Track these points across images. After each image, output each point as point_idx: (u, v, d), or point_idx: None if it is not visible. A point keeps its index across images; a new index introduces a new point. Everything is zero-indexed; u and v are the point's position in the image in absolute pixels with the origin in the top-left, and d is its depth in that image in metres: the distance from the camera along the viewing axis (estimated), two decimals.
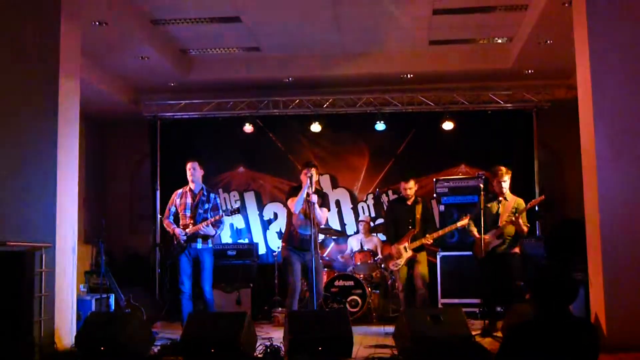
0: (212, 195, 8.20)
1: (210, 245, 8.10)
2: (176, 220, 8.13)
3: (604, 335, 6.41)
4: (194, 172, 8.12)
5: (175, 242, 7.97)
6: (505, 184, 7.85)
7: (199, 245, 7.97)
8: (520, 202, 7.91)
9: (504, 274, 7.78)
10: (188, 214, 8.04)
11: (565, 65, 9.59)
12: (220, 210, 8.09)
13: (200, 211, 8.00)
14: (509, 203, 7.87)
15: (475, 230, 7.94)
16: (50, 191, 6.91)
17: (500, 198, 7.84)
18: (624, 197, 6.66)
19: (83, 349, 6.43)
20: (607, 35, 6.86)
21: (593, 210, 6.81)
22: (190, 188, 8.17)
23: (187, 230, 7.92)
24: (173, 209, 8.15)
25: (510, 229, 7.80)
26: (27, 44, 7.16)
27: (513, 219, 7.64)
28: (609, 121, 6.76)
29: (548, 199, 8.44)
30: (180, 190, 8.23)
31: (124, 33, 8.81)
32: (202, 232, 7.94)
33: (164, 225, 8.22)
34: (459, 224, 8.19)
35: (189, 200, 8.08)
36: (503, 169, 7.91)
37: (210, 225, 7.93)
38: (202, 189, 8.18)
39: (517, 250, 7.91)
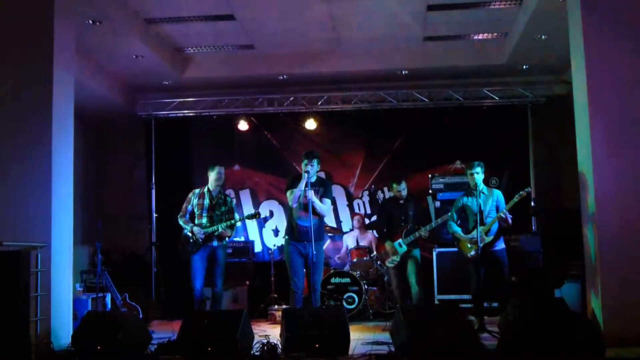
0: (228, 199, 8.47)
1: (224, 243, 8.37)
2: (192, 219, 8.34)
3: (601, 330, 6.42)
4: (222, 176, 8.39)
5: (192, 240, 8.16)
6: (479, 177, 7.79)
7: (215, 243, 8.21)
8: (499, 194, 7.91)
9: (495, 270, 7.77)
10: (205, 214, 8.26)
11: (560, 61, 9.59)
12: (237, 215, 8.47)
13: (217, 213, 8.27)
14: (488, 197, 7.84)
15: (459, 231, 7.92)
16: (45, 191, 6.89)
17: (477, 192, 7.75)
18: (620, 192, 6.66)
19: (80, 349, 6.42)
20: (602, 29, 6.86)
21: (589, 205, 6.82)
22: (208, 189, 8.36)
23: (206, 230, 8.12)
24: (190, 208, 8.36)
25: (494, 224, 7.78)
26: (20, 43, 7.12)
27: (502, 215, 7.60)
28: (605, 116, 6.76)
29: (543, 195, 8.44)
30: (197, 190, 8.44)
31: (118, 32, 8.78)
32: (218, 233, 8.17)
33: (181, 222, 8.33)
34: (440, 220, 8.35)
35: (207, 201, 8.29)
36: (474, 162, 7.86)
37: (227, 228, 8.21)
38: (221, 192, 8.42)
39: (503, 245, 7.89)
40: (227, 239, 8.41)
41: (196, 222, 8.26)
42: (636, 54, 6.84)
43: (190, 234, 8.18)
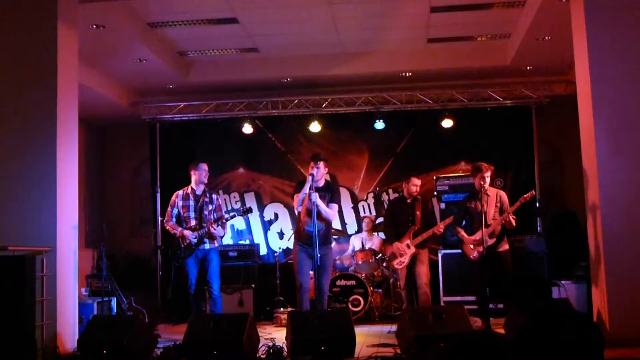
0: (213, 197, 8.25)
1: (216, 245, 8.18)
2: (178, 222, 8.13)
3: (607, 330, 6.41)
4: (205, 174, 8.19)
5: (183, 245, 7.99)
6: (488, 180, 7.77)
7: (207, 246, 8.04)
8: (503, 195, 7.88)
9: (500, 271, 7.75)
10: (193, 215, 8.08)
11: (563, 61, 9.60)
12: (231, 212, 8.36)
13: (205, 212, 8.07)
14: (491, 197, 7.81)
15: (462, 232, 7.90)
16: (50, 195, 6.90)
17: (481, 195, 7.72)
18: (625, 192, 6.66)
19: (85, 353, 6.43)
20: (605, 30, 6.86)
21: (594, 206, 6.81)
22: (192, 189, 8.17)
23: (198, 232, 7.94)
24: (175, 211, 8.14)
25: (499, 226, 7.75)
26: (24, 48, 7.14)
27: (507, 218, 7.57)
28: (609, 116, 6.76)
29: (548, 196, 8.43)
30: (180, 192, 8.22)
31: (121, 36, 8.80)
32: (209, 231, 7.97)
33: (168, 227, 8.15)
34: (443, 224, 8.28)
35: (192, 202, 8.10)
36: (485, 165, 7.83)
37: (220, 225, 8.01)
38: (205, 190, 8.21)
39: (507, 246, 7.86)
40: (219, 238, 8.26)
41: (184, 225, 8.04)
42: (639, 54, 6.84)
43: (180, 240, 7.99)
